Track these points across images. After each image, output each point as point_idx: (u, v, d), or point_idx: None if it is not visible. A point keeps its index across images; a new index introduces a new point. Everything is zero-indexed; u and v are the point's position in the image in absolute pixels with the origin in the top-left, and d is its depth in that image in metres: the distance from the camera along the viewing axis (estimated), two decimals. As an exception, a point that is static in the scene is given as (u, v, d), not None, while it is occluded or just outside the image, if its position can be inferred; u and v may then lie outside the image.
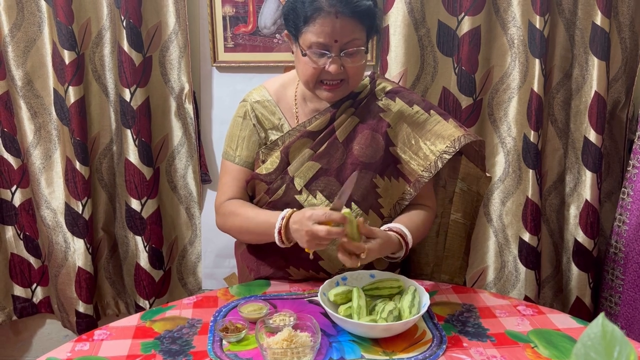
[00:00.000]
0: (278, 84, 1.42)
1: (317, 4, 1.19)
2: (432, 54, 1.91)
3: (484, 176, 1.50)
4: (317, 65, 1.24)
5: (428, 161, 1.34)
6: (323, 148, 1.33)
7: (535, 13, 1.82)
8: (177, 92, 1.95)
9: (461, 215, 1.55)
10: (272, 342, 1.05)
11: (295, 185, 1.34)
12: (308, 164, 1.33)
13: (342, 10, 1.19)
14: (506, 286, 2.09)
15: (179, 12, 1.87)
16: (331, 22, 1.19)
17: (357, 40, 1.23)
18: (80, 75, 1.86)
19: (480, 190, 1.52)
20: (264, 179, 1.36)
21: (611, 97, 1.97)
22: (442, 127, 1.36)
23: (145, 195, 1.95)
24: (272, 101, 1.39)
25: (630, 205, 1.90)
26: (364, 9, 1.22)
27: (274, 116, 1.39)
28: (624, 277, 1.94)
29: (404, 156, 1.37)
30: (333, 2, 1.19)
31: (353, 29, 1.22)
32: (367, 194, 1.34)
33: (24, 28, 1.86)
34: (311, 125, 1.35)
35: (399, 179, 1.37)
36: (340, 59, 1.23)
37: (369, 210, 1.35)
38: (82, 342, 1.12)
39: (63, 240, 2.00)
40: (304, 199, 1.33)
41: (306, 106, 1.38)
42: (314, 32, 1.21)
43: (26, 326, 2.22)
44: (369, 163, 1.34)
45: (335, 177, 1.33)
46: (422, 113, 1.37)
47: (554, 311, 1.24)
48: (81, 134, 1.88)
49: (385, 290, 1.19)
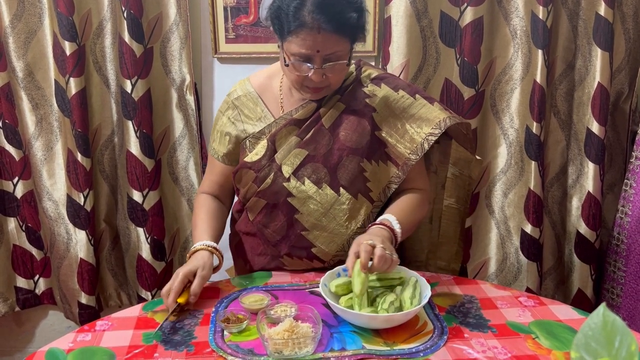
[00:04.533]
0: (264, 76, 1.43)
1: (301, 19, 1.18)
2: (434, 45, 1.90)
3: (474, 159, 1.51)
4: (300, 73, 1.25)
5: (414, 144, 1.36)
6: (309, 135, 1.35)
7: (538, 3, 1.81)
8: (179, 84, 1.94)
9: (454, 201, 1.56)
10: (273, 333, 1.05)
11: (284, 172, 1.35)
12: (295, 151, 1.35)
13: (325, 26, 1.18)
14: (508, 278, 2.09)
15: (180, 2, 1.86)
16: (313, 37, 1.19)
17: (340, 52, 1.23)
18: (81, 67, 1.86)
19: (472, 173, 1.54)
20: (251, 166, 1.37)
21: (614, 88, 1.96)
22: (428, 110, 1.37)
23: (146, 187, 1.95)
24: (254, 93, 1.41)
25: (632, 197, 1.90)
26: (347, 24, 1.21)
27: (256, 109, 1.40)
28: (626, 269, 1.93)
29: (390, 140, 1.37)
30: (316, 17, 1.17)
31: (336, 42, 1.21)
32: (355, 178, 1.35)
33: (24, 19, 1.85)
34: (297, 113, 1.36)
35: (387, 162, 1.38)
36: (322, 69, 1.23)
37: (357, 194, 1.36)
38: (84, 332, 1.13)
39: (65, 231, 2.00)
40: (293, 186, 1.35)
41: (292, 96, 1.39)
42: (297, 44, 1.20)
43: (29, 317, 2.23)
44: (356, 148, 1.35)
45: (323, 163, 1.34)
46: (408, 97, 1.38)
47: (555, 302, 1.24)
48: (82, 125, 1.88)
49: (387, 281, 1.19)
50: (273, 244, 1.41)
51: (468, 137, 1.47)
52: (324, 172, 1.34)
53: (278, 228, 1.38)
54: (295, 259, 1.40)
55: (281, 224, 1.38)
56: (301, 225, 1.37)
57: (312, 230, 1.36)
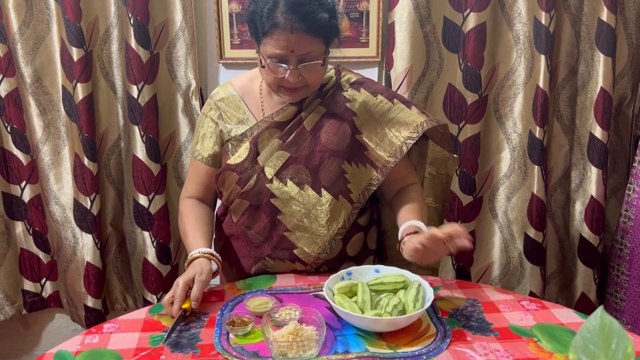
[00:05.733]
0: (246, 79, 1.46)
1: (274, 20, 1.21)
2: (437, 50, 1.92)
3: (451, 157, 1.54)
4: (276, 74, 1.27)
5: (393, 147, 1.39)
6: (291, 137, 1.37)
7: (540, 9, 1.82)
8: (184, 89, 1.96)
9: (432, 200, 1.60)
10: (278, 336, 1.06)
11: (266, 174, 1.37)
12: (277, 153, 1.37)
13: (297, 26, 1.20)
14: (511, 282, 2.10)
15: (186, 9, 1.88)
16: (287, 37, 1.22)
17: (314, 53, 1.25)
18: (88, 72, 1.88)
19: (449, 171, 1.57)
20: (234, 169, 1.39)
21: (617, 93, 1.97)
22: (406, 114, 1.40)
23: (152, 191, 1.97)
24: (236, 96, 1.43)
25: (635, 202, 1.90)
26: (319, 25, 1.23)
27: (238, 111, 1.42)
28: (630, 273, 1.94)
29: (370, 143, 1.40)
30: (289, 18, 1.20)
31: (310, 43, 1.24)
32: (336, 179, 1.38)
33: (32, 26, 1.88)
34: (279, 116, 1.38)
35: (367, 165, 1.41)
36: (298, 70, 1.26)
37: (338, 195, 1.39)
38: (91, 335, 1.14)
39: (72, 235, 2.02)
40: (275, 187, 1.37)
41: (272, 99, 1.41)
42: (271, 45, 1.23)
43: (36, 320, 2.25)
44: (337, 150, 1.37)
45: (305, 165, 1.37)
46: (386, 102, 1.41)
47: (557, 306, 1.25)
48: (89, 130, 1.90)
49: (390, 285, 1.21)
50: (256, 245, 1.43)
51: (445, 137, 1.50)
52: (306, 173, 1.37)
53: (261, 229, 1.41)
54: (277, 261, 1.42)
55: (264, 225, 1.40)
56: (284, 226, 1.39)
57: (294, 231, 1.39)
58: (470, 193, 2.03)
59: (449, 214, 2.04)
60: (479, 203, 2.05)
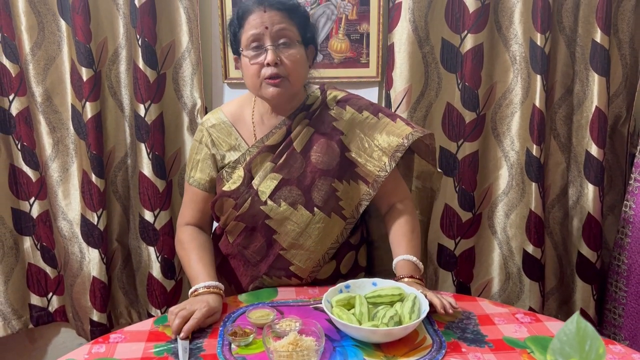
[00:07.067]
0: (235, 106, 1.49)
1: (247, 6, 1.33)
2: (436, 71, 1.97)
3: (435, 172, 1.59)
4: (256, 60, 1.32)
5: (382, 162, 1.42)
6: (282, 160, 1.40)
7: (536, 30, 1.87)
8: (190, 108, 2.01)
9: (419, 212, 1.64)
10: (278, 346, 1.10)
11: (260, 197, 1.40)
12: (270, 176, 1.40)
13: (269, 3, 1.31)
14: (511, 298, 2.12)
15: (192, 31, 1.94)
16: (260, 15, 1.31)
17: (288, 32, 1.32)
18: (97, 92, 1.93)
19: (433, 186, 1.62)
20: (231, 195, 1.42)
21: (612, 112, 2.01)
22: (392, 127, 1.44)
23: (158, 207, 2.01)
24: (227, 122, 1.46)
25: (632, 218, 1.93)
26: (291, 4, 1.34)
27: (230, 137, 1.45)
28: (627, 289, 1.96)
29: (359, 160, 1.44)
30: (261, 0, 1.31)
31: (282, 20, 1.31)
32: (327, 198, 1.41)
33: (44, 47, 1.94)
34: (269, 140, 1.42)
35: (358, 181, 1.45)
36: (276, 49, 1.31)
37: (331, 213, 1.42)
38: (98, 344, 1.18)
39: (79, 250, 2.06)
40: (270, 209, 1.41)
41: (263, 125, 1.45)
42: (248, 28, 1.32)
43: (42, 334, 2.28)
44: (327, 169, 1.41)
45: (297, 186, 1.41)
46: (372, 117, 1.45)
47: (550, 319, 1.28)
48: (97, 147, 1.95)
49: (387, 297, 1.24)
50: (253, 264, 1.47)
51: (430, 149, 1.53)
52: (299, 193, 1.40)
53: (257, 249, 1.45)
54: (274, 278, 1.47)
55: (260, 245, 1.44)
56: (279, 245, 1.43)
57: (289, 249, 1.43)
58: (469, 210, 2.06)
59: (449, 230, 2.07)
60: (478, 219, 2.09)
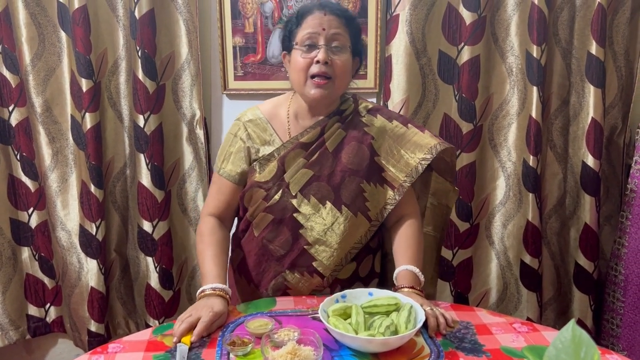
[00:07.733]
0: (271, 105, 1.55)
1: (308, 8, 1.42)
2: (433, 82, 1.98)
3: (452, 190, 1.61)
4: (308, 56, 1.39)
5: (409, 167, 1.47)
6: (315, 157, 1.46)
7: (532, 42, 1.89)
8: (189, 118, 2.03)
9: (432, 229, 1.67)
10: (276, 356, 1.09)
11: (291, 190, 1.45)
12: (302, 171, 1.45)
13: (330, 9, 1.40)
14: (508, 308, 2.12)
15: (192, 42, 1.96)
16: (319, 16, 1.39)
17: (342, 37, 1.40)
18: (97, 102, 1.95)
19: (449, 203, 1.64)
20: (262, 185, 1.46)
21: (608, 123, 2.02)
22: (420, 137, 1.49)
23: (156, 217, 2.01)
24: (264, 119, 1.51)
25: (629, 229, 1.94)
26: (349, 14, 1.44)
27: (265, 133, 1.50)
28: (625, 300, 1.96)
29: (387, 165, 1.49)
30: (323, 4, 1.41)
31: (339, 25, 1.40)
32: (355, 197, 1.46)
33: (44, 58, 1.95)
34: (303, 137, 1.47)
35: (384, 185, 1.49)
36: (328, 49, 1.38)
37: (357, 212, 1.46)
38: (97, 354, 1.18)
39: (77, 260, 2.06)
40: (298, 203, 1.45)
41: (297, 123, 1.50)
42: (304, 27, 1.39)
43: (39, 345, 2.28)
44: (356, 170, 1.46)
45: (327, 182, 1.46)
46: (401, 127, 1.51)
47: (548, 328, 1.28)
48: (96, 158, 1.96)
49: (383, 307, 1.24)
50: (277, 258, 1.48)
51: (450, 165, 1.57)
52: (328, 190, 1.45)
53: (283, 242, 1.47)
54: (297, 273, 1.47)
55: (285, 239, 1.46)
56: (305, 239, 1.45)
57: (314, 244, 1.45)
58: (467, 220, 2.07)
59: (447, 240, 2.08)
60: (475, 230, 2.09)
